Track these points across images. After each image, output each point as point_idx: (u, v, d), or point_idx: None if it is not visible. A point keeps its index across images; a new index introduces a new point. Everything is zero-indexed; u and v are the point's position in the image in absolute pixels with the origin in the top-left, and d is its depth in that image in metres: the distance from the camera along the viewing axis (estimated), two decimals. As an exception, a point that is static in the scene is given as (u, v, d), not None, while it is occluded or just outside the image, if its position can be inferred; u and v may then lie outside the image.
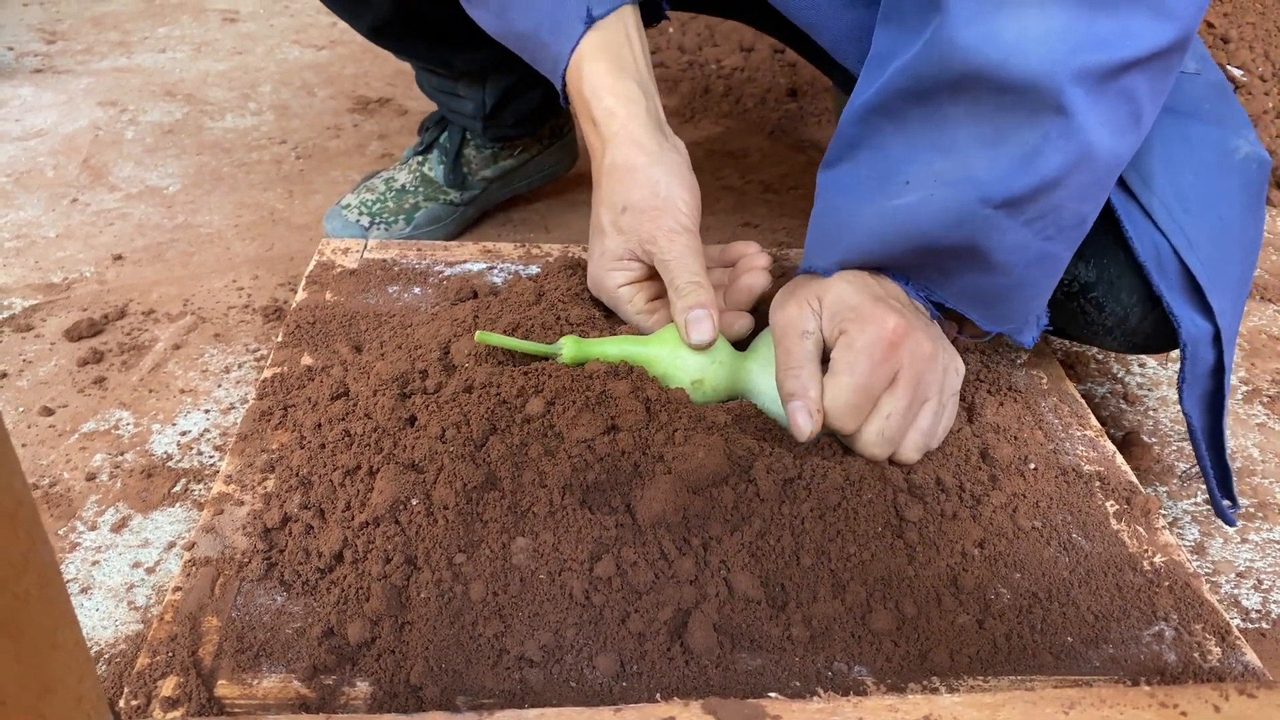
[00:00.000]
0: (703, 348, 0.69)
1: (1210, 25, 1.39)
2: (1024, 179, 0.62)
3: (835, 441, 0.68)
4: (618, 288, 0.77)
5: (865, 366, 0.64)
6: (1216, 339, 0.71)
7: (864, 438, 0.65)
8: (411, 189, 1.15)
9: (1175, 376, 0.96)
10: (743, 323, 0.76)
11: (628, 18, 0.77)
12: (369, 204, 1.13)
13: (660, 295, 0.77)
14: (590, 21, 0.76)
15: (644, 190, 0.74)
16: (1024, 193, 0.63)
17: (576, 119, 0.82)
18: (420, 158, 1.18)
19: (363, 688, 0.53)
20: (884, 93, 0.66)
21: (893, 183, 0.66)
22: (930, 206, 0.64)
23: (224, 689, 0.53)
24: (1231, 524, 0.74)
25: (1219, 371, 0.71)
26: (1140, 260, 0.71)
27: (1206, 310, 0.70)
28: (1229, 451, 0.74)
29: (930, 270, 0.69)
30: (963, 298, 0.70)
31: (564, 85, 0.78)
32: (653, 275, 0.77)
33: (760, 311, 0.77)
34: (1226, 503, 0.73)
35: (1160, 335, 0.76)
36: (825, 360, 0.67)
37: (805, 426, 0.64)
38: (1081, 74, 0.60)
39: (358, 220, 1.12)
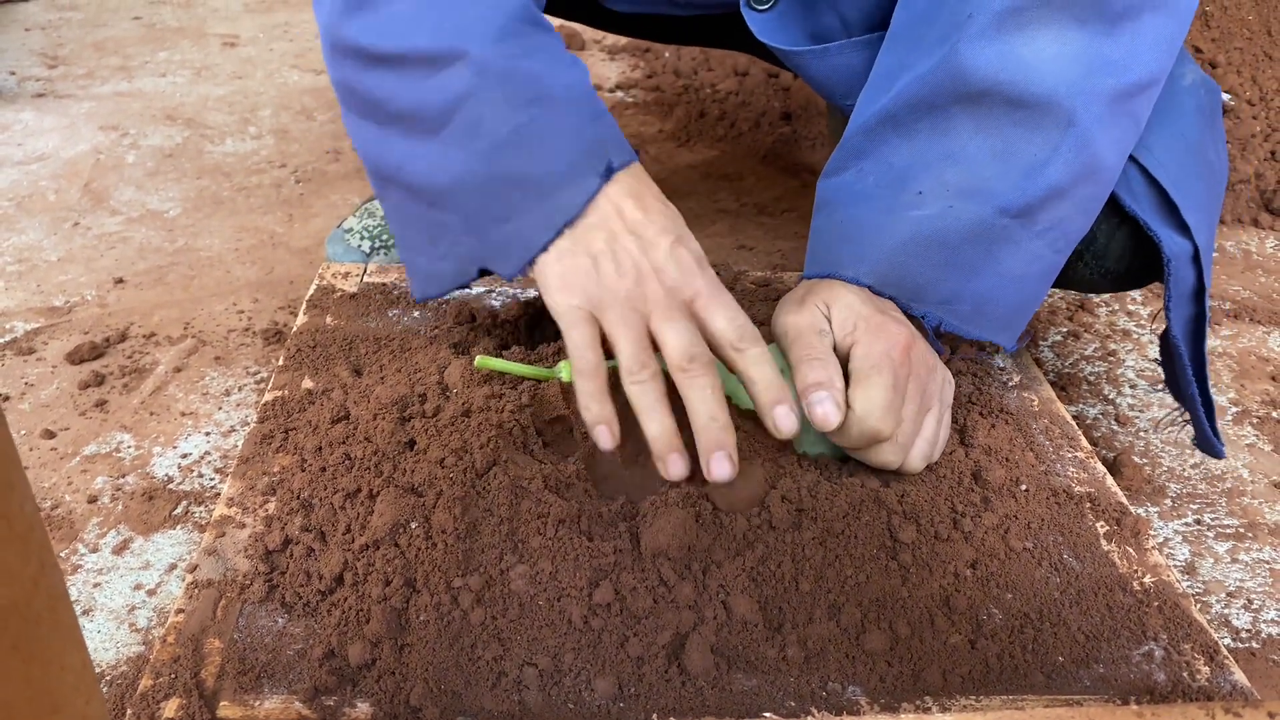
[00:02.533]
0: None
1: (1198, 50, 1.41)
2: (1034, 187, 0.65)
3: (835, 460, 0.69)
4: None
5: (889, 370, 0.64)
6: (1195, 258, 0.72)
7: (885, 446, 0.65)
8: None
9: (1165, 398, 0.97)
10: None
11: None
12: (370, 229, 1.14)
13: None
14: (609, 175, 0.64)
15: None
16: (1034, 200, 0.65)
17: None
18: None
19: (363, 709, 0.54)
20: (894, 104, 0.68)
21: (906, 192, 0.68)
22: (952, 217, 0.67)
23: (226, 710, 0.54)
24: (1220, 456, 0.77)
25: (1199, 295, 0.73)
26: None
27: (1183, 228, 0.72)
28: (1211, 382, 0.76)
29: (950, 283, 0.68)
30: (972, 316, 0.70)
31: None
32: None
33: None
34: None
35: (1135, 261, 0.77)
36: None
37: (833, 416, 0.62)
38: (1095, 94, 0.64)
39: (359, 245, 1.13)
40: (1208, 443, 0.74)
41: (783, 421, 0.61)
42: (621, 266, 0.62)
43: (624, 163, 0.64)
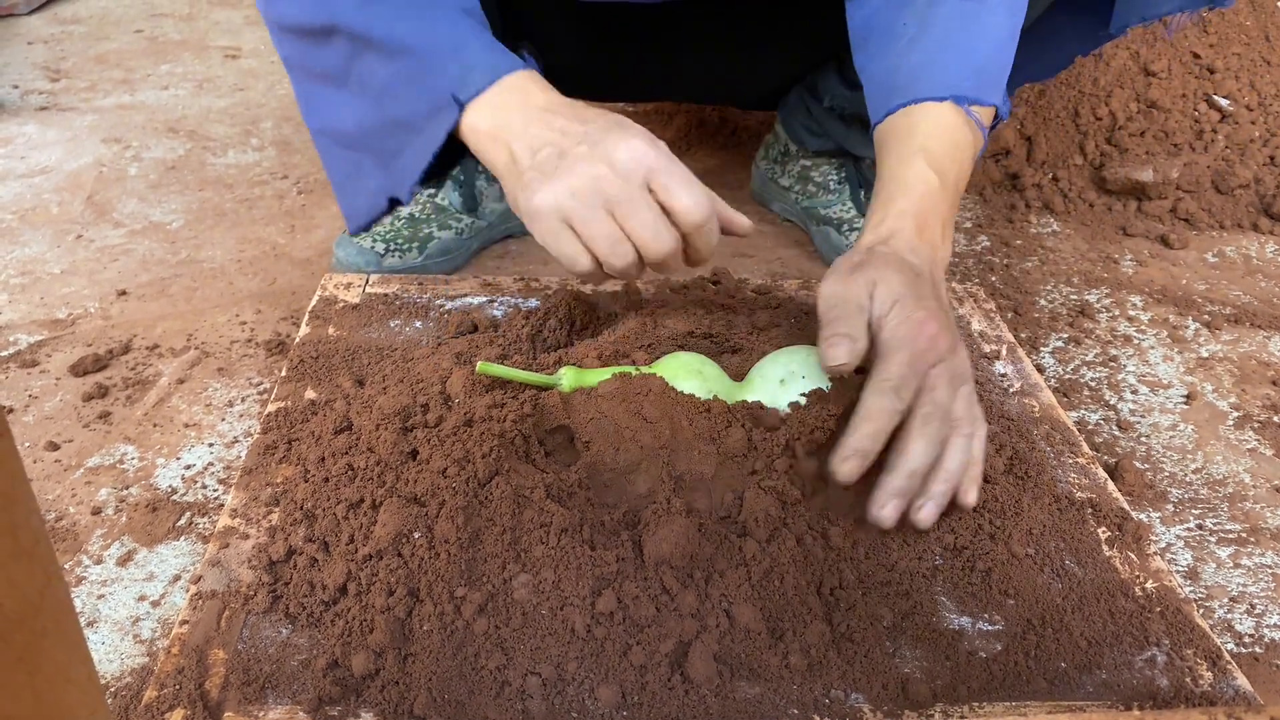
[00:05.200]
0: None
1: (1196, 56, 1.41)
2: None
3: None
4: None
5: (910, 348, 0.66)
6: None
7: (919, 413, 0.66)
8: (423, 217, 1.17)
9: (1167, 403, 0.97)
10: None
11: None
12: (381, 233, 1.14)
13: None
14: (460, 106, 0.75)
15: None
16: None
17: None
18: (431, 190, 1.20)
19: (367, 719, 0.54)
20: None
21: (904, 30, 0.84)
22: (938, 21, 0.82)
23: (230, 721, 0.54)
24: (1227, 3, 0.92)
25: None
26: None
27: None
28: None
29: (957, 65, 0.81)
30: (978, 86, 0.81)
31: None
32: None
33: (758, 350, 0.79)
34: None
35: None
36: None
37: (842, 355, 0.66)
38: None
39: (372, 246, 1.13)
40: None
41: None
42: (551, 165, 0.70)
43: (479, 89, 0.74)
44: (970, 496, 0.67)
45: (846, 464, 0.64)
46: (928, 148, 0.78)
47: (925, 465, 0.66)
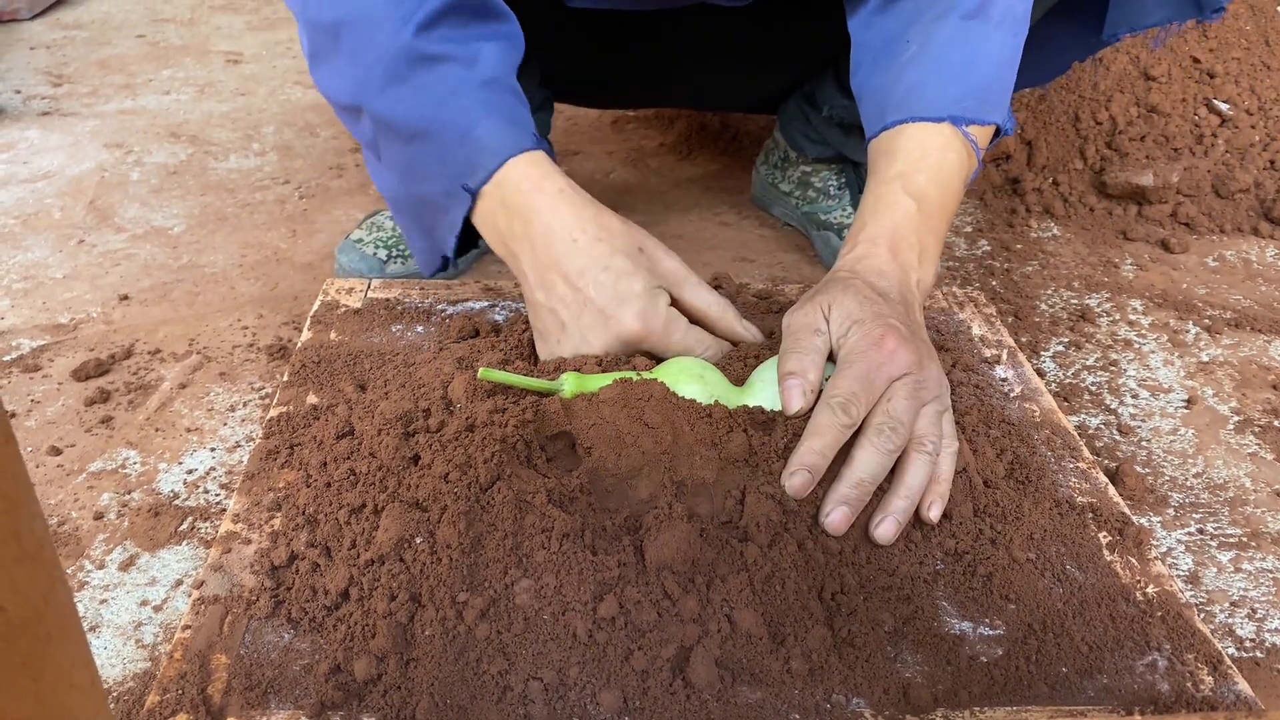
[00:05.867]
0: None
1: (1196, 61, 1.41)
2: None
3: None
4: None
5: (865, 362, 0.66)
6: None
7: (871, 424, 0.66)
8: None
9: (1167, 407, 0.97)
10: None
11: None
12: (382, 240, 1.15)
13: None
14: (472, 195, 0.78)
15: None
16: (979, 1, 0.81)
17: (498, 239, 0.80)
18: None
19: (369, 724, 0.54)
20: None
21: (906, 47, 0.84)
22: (937, 40, 0.81)
23: (232, 726, 0.54)
24: (1213, 17, 0.95)
25: None
26: None
27: None
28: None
29: (956, 86, 0.81)
30: (981, 106, 0.80)
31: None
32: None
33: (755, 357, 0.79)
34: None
35: None
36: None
37: (796, 402, 0.67)
38: None
39: (374, 253, 1.13)
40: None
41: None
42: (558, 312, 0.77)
43: (485, 177, 0.77)
44: (933, 513, 0.66)
45: (793, 478, 0.64)
46: (905, 173, 0.78)
47: (871, 476, 0.65)
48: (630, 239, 0.76)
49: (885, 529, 0.64)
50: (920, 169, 0.78)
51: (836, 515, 0.64)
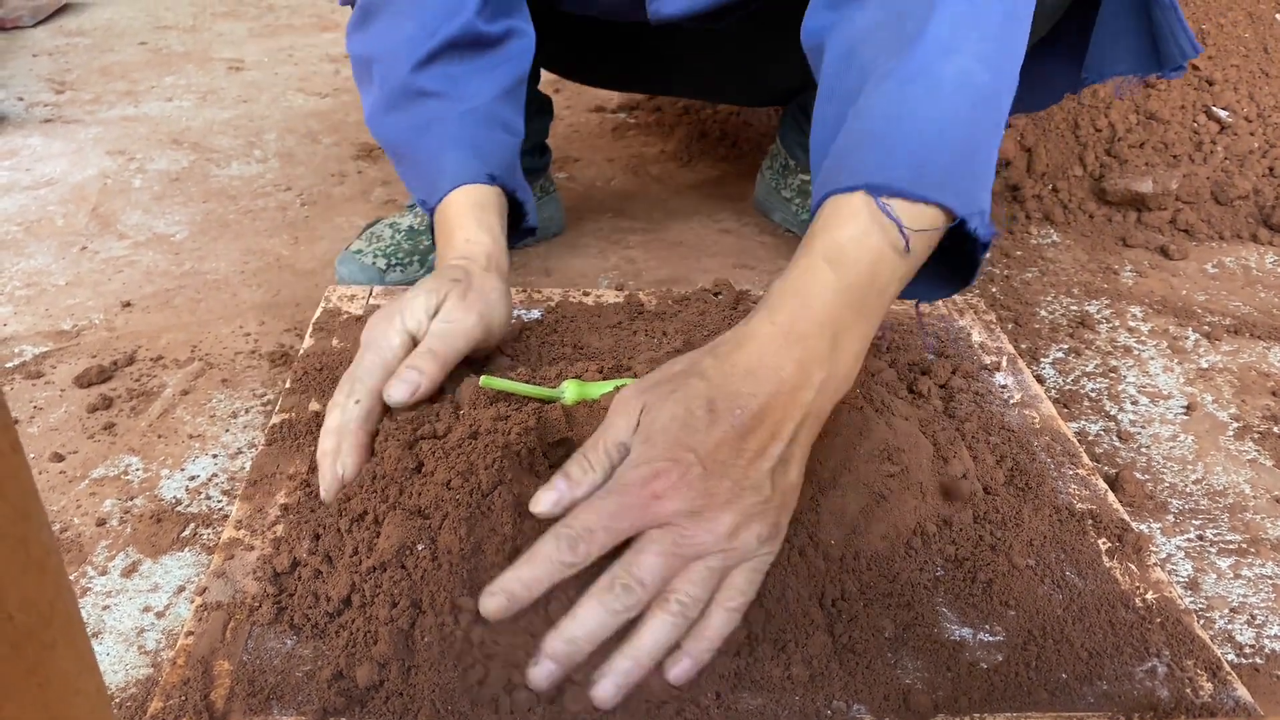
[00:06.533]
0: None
1: (1195, 68, 1.42)
2: (918, 46, 0.66)
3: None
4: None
5: (620, 499, 0.58)
6: None
7: (604, 576, 0.58)
8: (422, 229, 1.17)
9: (1167, 414, 0.97)
10: None
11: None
12: (382, 249, 1.15)
13: None
14: (429, 209, 0.88)
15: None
16: (927, 59, 0.66)
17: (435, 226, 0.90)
18: None
19: (371, 730, 0.54)
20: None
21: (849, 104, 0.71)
22: (866, 95, 0.68)
23: (235, 732, 0.54)
24: (1173, 75, 0.91)
25: None
26: None
27: None
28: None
29: (875, 153, 0.66)
30: (911, 178, 0.63)
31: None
32: None
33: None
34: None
35: None
36: None
37: (545, 504, 0.60)
38: None
39: (374, 263, 1.13)
40: (1187, 37, 0.87)
41: None
42: None
43: (435, 203, 0.87)
44: (674, 671, 0.57)
45: (491, 600, 0.57)
46: (822, 244, 0.64)
47: (586, 634, 0.56)
48: (440, 281, 0.78)
49: (601, 688, 0.56)
50: (844, 246, 0.63)
51: (542, 671, 0.56)
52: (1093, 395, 1.01)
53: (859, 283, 0.63)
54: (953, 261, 0.70)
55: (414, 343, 0.74)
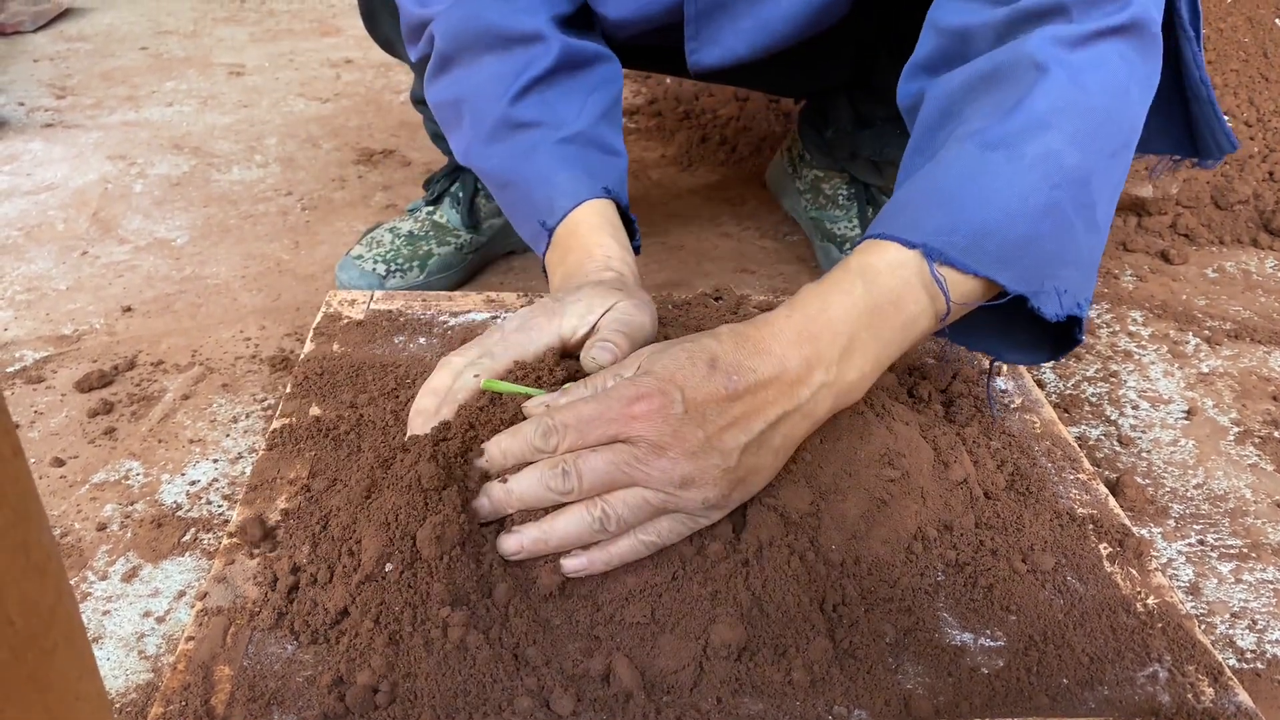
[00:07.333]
0: None
1: (1195, 73, 1.42)
2: (1012, 120, 0.67)
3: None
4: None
5: (600, 406, 0.59)
6: None
7: (554, 457, 0.61)
8: (421, 234, 1.18)
9: (1167, 418, 0.97)
10: None
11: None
12: (381, 255, 1.15)
13: None
14: (549, 233, 0.85)
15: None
16: (1013, 131, 0.66)
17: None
18: (430, 208, 1.21)
19: (371, 735, 0.54)
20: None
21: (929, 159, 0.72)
22: (945, 161, 0.68)
23: (235, 738, 0.54)
24: (1209, 165, 0.85)
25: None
26: None
27: None
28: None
29: (940, 215, 0.67)
30: (969, 248, 0.65)
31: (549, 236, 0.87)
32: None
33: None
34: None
35: None
36: None
37: (538, 404, 0.64)
38: (1055, 40, 0.67)
39: (374, 269, 1.14)
40: (1224, 133, 0.81)
41: None
42: None
43: (555, 222, 0.85)
44: (568, 564, 0.61)
45: (479, 462, 0.62)
46: (866, 268, 0.66)
47: (521, 493, 0.60)
48: (607, 290, 0.74)
49: (505, 540, 0.61)
50: (880, 272, 0.65)
51: (482, 499, 0.62)
52: (1093, 400, 1.01)
53: (883, 306, 0.64)
54: (1034, 330, 0.73)
55: (561, 346, 0.71)
